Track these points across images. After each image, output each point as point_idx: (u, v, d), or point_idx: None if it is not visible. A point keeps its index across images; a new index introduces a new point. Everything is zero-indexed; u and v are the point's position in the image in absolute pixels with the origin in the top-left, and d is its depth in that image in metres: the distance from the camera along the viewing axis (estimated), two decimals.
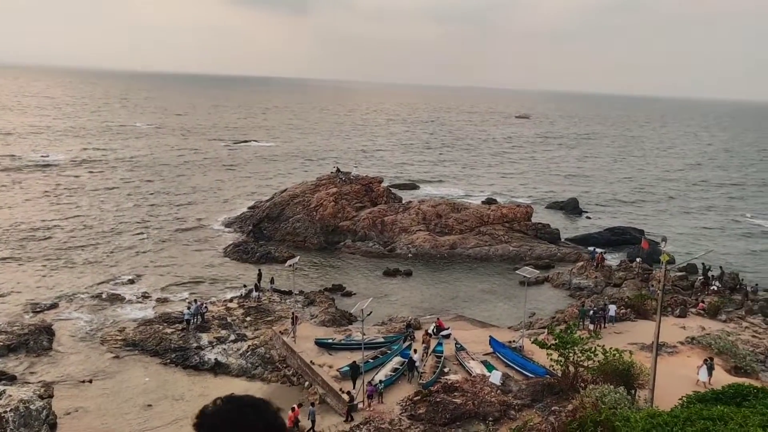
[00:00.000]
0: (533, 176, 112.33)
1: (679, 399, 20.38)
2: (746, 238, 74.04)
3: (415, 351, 32.64)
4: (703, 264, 54.91)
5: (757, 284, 53.20)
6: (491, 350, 35.23)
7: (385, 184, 78.28)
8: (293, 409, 27.85)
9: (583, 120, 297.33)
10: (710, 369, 29.71)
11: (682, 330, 39.63)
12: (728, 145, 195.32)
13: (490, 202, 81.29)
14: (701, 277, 53.00)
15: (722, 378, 29.00)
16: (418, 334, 37.36)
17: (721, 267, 55.20)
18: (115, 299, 44.94)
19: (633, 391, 24.86)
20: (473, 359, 33.55)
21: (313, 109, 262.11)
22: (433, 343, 35.58)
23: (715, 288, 50.56)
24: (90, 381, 33.07)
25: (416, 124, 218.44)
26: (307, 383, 32.97)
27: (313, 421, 27.73)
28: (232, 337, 37.86)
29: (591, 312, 40.60)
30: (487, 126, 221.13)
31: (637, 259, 57.24)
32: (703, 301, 46.24)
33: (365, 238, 63.14)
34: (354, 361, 31.07)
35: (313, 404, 28.89)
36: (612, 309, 41.51)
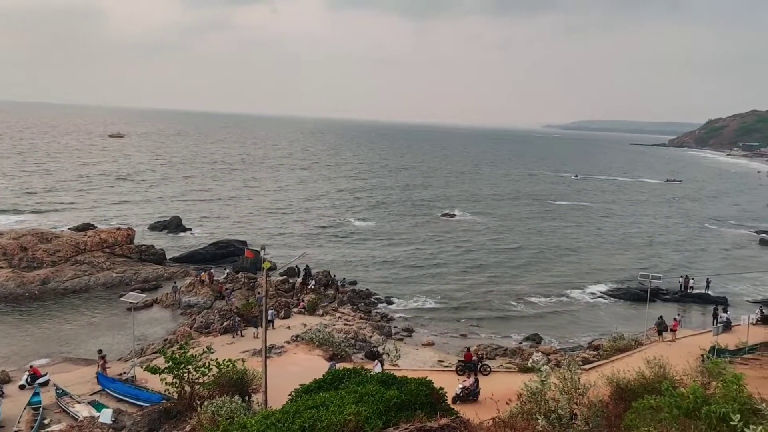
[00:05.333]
0: (136, 199, 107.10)
1: (288, 395, 21.74)
2: (340, 238, 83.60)
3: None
4: (303, 266, 60.07)
5: (344, 278, 60.74)
6: (100, 388, 32.47)
7: None
8: None
9: (187, 137, 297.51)
10: (382, 363, 32.66)
11: (288, 330, 42.84)
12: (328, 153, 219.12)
13: (86, 228, 74.67)
14: (300, 278, 58.01)
15: (325, 366, 32.12)
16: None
17: (307, 266, 59.67)
18: None
19: (248, 398, 25.63)
20: (79, 402, 30.34)
21: None
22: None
23: (312, 287, 55.95)
24: None
25: None
26: None
27: None
28: None
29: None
30: (82, 146, 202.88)
31: (239, 274, 59.27)
32: (303, 300, 50.74)
33: None
34: None
35: None
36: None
